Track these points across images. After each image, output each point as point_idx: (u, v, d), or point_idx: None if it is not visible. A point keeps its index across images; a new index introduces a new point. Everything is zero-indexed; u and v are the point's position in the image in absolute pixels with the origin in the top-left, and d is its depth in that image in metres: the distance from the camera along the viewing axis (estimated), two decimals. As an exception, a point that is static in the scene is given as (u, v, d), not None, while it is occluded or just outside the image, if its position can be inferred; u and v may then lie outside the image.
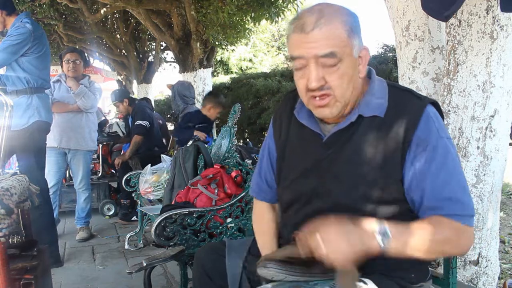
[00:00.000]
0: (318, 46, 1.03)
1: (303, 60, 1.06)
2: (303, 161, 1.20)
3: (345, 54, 1.05)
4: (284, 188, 1.26)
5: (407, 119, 1.08)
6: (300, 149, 1.22)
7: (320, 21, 1.03)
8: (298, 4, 6.11)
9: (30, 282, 1.49)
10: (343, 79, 1.06)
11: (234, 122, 2.67)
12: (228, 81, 8.57)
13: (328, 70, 1.05)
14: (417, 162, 1.06)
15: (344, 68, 1.06)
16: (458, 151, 1.95)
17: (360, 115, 1.12)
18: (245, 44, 14.19)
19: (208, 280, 1.34)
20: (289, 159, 1.25)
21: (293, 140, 1.25)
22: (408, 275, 1.15)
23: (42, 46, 2.87)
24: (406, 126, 1.07)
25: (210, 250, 1.42)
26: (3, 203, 1.33)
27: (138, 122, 4.53)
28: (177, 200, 2.36)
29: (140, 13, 6.24)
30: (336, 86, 1.06)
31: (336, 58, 1.04)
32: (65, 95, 3.59)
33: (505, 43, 1.83)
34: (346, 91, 1.08)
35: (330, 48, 1.03)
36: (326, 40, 1.03)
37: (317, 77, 1.05)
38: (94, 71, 10.71)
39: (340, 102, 1.09)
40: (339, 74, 1.06)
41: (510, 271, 2.62)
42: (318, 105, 1.09)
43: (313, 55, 1.04)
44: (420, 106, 1.09)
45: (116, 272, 2.95)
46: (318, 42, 1.03)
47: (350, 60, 1.06)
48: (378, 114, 1.11)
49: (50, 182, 3.58)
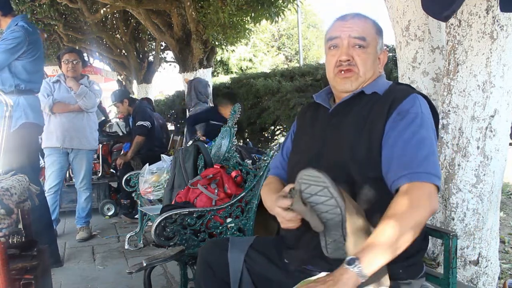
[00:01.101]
0: (353, 30, 1.28)
1: (338, 39, 1.30)
2: (311, 130, 1.41)
3: (372, 44, 1.30)
4: (293, 154, 1.46)
5: (398, 95, 1.26)
6: (311, 122, 1.44)
7: (358, 15, 1.32)
8: (298, 4, 6.11)
9: (30, 282, 1.49)
10: (367, 60, 1.30)
11: (234, 122, 2.67)
12: (228, 81, 8.55)
13: (357, 50, 1.29)
14: (394, 128, 1.19)
15: (369, 52, 1.30)
16: (458, 151, 1.95)
17: (362, 91, 1.31)
18: (245, 44, 14.17)
19: (211, 273, 1.38)
20: (301, 131, 1.48)
21: (307, 119, 1.47)
22: (395, 271, 1.15)
23: (37, 50, 2.83)
24: (393, 100, 1.24)
25: (214, 245, 1.48)
26: (3, 203, 1.33)
27: (139, 122, 4.54)
28: (177, 200, 2.36)
29: (140, 13, 6.24)
30: (360, 64, 1.29)
31: (365, 41, 1.28)
32: (66, 95, 3.59)
33: (505, 43, 1.83)
34: (367, 71, 1.30)
35: (362, 34, 1.28)
36: (361, 27, 1.29)
37: (347, 53, 1.29)
38: (94, 71, 10.72)
39: (361, 77, 1.31)
40: (365, 56, 1.29)
41: (510, 271, 2.62)
42: (343, 76, 1.31)
43: (348, 35, 1.29)
44: (410, 91, 1.27)
45: (116, 272, 2.95)
46: (353, 26, 1.29)
47: (373, 51, 1.31)
48: (377, 91, 1.30)
49: (52, 182, 3.59)
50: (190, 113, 4.46)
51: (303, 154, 1.38)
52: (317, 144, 1.33)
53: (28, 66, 2.78)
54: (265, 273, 1.35)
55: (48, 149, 3.62)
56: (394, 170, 1.14)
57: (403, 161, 1.13)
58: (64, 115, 3.58)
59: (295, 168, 1.32)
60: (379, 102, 1.26)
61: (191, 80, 4.78)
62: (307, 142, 1.40)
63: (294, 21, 19.38)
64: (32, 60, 2.80)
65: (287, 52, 22.96)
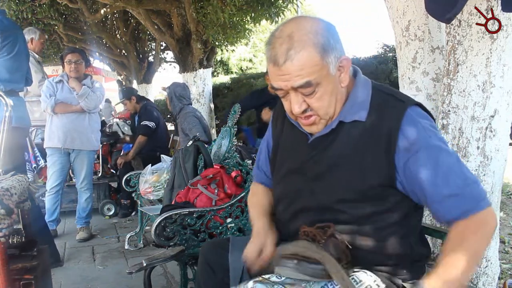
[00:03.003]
0: (293, 78, 1.07)
1: (283, 91, 1.12)
2: (291, 159, 1.28)
3: (322, 76, 1.08)
4: (275, 183, 1.35)
5: (388, 122, 1.11)
6: (290, 147, 1.29)
7: (290, 52, 1.05)
8: (298, 4, 6.11)
9: (30, 282, 1.49)
10: (323, 100, 1.11)
11: (234, 122, 2.67)
12: (228, 81, 8.56)
13: (308, 96, 1.10)
14: (411, 166, 1.08)
15: (323, 90, 1.10)
16: (458, 151, 1.95)
17: (340, 121, 1.16)
18: (245, 44, 14.16)
19: (211, 273, 1.37)
20: (281, 156, 1.33)
21: (285, 138, 1.32)
22: (399, 271, 1.16)
23: (14, 46, 2.63)
24: (389, 129, 1.10)
25: (214, 245, 1.48)
26: (3, 203, 1.33)
27: (144, 122, 4.55)
28: (177, 200, 2.36)
29: (140, 13, 6.24)
30: (317, 108, 1.12)
31: (312, 86, 1.08)
32: (68, 95, 3.59)
33: (505, 43, 1.82)
34: (328, 108, 1.13)
35: (305, 78, 1.06)
36: (299, 71, 1.06)
37: (298, 103, 1.11)
38: (94, 71, 10.71)
39: (324, 119, 1.15)
40: (318, 97, 1.10)
41: (510, 271, 2.62)
42: (305, 124, 1.17)
43: (290, 87, 1.09)
44: (401, 109, 1.11)
45: (116, 272, 2.95)
46: (291, 74, 1.06)
47: (328, 79, 1.09)
48: (358, 118, 1.15)
49: (53, 182, 3.60)
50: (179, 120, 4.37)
51: (284, 189, 1.29)
52: (298, 181, 1.23)
53: (6, 64, 2.61)
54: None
55: (50, 149, 3.62)
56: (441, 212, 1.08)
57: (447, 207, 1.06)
58: (66, 116, 3.58)
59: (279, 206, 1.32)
60: (367, 132, 1.13)
61: (168, 87, 4.73)
62: (286, 173, 1.29)
63: (294, 21, 19.32)
64: (9, 58, 2.62)
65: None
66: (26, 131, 2.91)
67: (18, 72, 2.75)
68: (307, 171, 1.21)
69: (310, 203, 1.20)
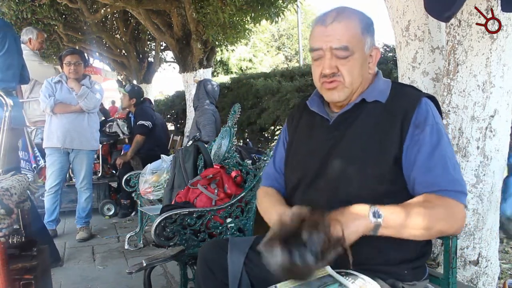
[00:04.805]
0: (334, 40, 1.18)
1: (321, 51, 1.21)
2: (309, 143, 1.32)
3: (357, 48, 1.20)
4: (291, 169, 1.37)
5: (407, 104, 1.20)
6: (308, 133, 1.35)
7: (339, 16, 1.20)
8: (298, 4, 6.11)
9: (30, 282, 1.49)
10: (353, 69, 1.21)
11: (234, 122, 2.67)
12: (228, 81, 8.55)
13: (341, 61, 1.20)
14: (416, 142, 1.15)
15: (354, 60, 1.20)
16: (458, 151, 1.95)
17: (363, 99, 1.24)
18: (245, 44, 14.19)
19: (210, 274, 1.37)
20: (297, 143, 1.38)
21: (302, 127, 1.38)
22: (399, 272, 1.16)
23: (3, 44, 2.57)
24: (406, 111, 1.18)
25: (214, 245, 1.47)
26: (3, 203, 1.33)
27: (140, 122, 4.56)
28: (177, 200, 2.36)
29: (140, 13, 6.24)
30: (345, 74, 1.21)
31: (348, 51, 1.19)
32: (67, 96, 3.59)
33: (505, 43, 1.83)
34: (354, 80, 1.22)
35: (345, 42, 1.18)
36: (342, 34, 1.18)
37: (330, 65, 1.20)
38: (94, 71, 10.70)
39: (347, 88, 1.22)
40: (350, 65, 1.20)
41: (510, 271, 2.62)
42: (328, 87, 1.23)
43: (329, 47, 1.19)
44: (418, 96, 1.22)
45: (116, 272, 2.95)
46: (334, 35, 1.18)
47: (361, 54, 1.21)
48: (379, 99, 1.23)
49: (52, 181, 3.59)
50: (198, 112, 4.43)
51: (301, 172, 1.31)
52: (316, 161, 1.26)
53: None
54: (264, 275, 1.34)
55: (49, 149, 3.62)
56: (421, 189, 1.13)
57: (429, 178, 1.12)
58: (65, 116, 3.58)
59: (294, 192, 1.32)
60: (386, 112, 1.21)
61: (200, 81, 4.80)
62: (304, 156, 1.32)
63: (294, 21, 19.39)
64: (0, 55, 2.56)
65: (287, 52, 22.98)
66: (21, 132, 2.88)
67: (9, 70, 2.68)
68: (327, 152, 1.25)
69: (327, 184, 1.22)
